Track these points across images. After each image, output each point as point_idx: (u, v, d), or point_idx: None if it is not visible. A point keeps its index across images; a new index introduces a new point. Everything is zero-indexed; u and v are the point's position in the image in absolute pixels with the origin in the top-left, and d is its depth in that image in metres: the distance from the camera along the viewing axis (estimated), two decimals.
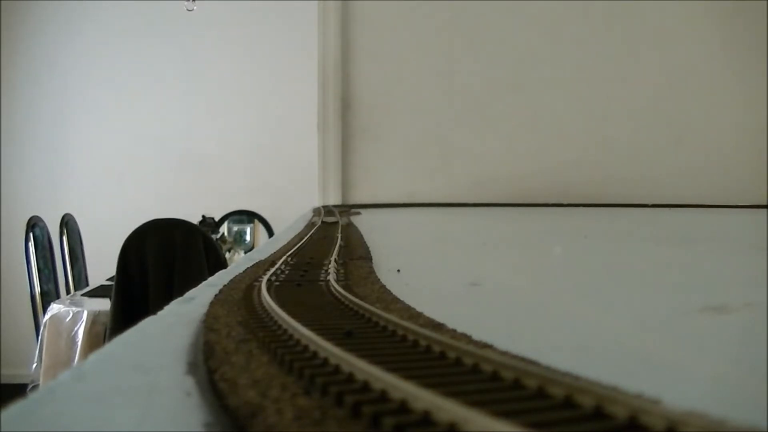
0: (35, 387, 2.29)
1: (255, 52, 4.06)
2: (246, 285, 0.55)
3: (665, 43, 3.15)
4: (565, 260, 0.99)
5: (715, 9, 3.08)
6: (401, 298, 0.51)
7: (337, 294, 0.50)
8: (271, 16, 4.02)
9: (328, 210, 1.98)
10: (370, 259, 0.78)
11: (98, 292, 2.66)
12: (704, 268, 0.90)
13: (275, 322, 0.39)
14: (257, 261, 0.73)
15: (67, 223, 3.44)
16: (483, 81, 3.13)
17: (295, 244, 0.87)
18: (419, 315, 0.44)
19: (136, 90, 4.09)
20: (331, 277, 0.57)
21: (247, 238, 3.86)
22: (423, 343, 0.32)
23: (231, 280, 0.59)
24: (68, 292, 3.21)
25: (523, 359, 0.30)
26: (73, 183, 4.05)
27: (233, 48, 4.07)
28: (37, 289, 3.12)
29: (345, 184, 3.07)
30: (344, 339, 0.34)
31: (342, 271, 0.67)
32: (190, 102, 4.08)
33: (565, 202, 2.88)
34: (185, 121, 4.09)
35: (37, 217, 3.25)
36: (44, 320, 2.42)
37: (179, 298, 0.55)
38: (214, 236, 3.03)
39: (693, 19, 3.12)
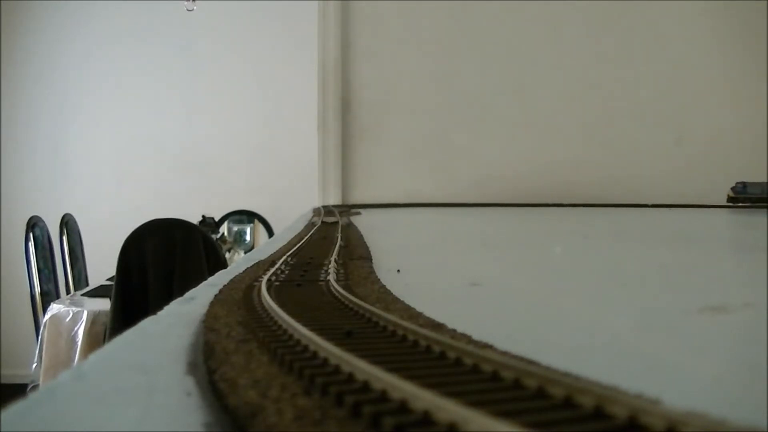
0: (35, 387, 2.29)
1: (255, 52, 4.06)
2: (246, 285, 0.55)
3: (664, 43, 3.15)
4: (565, 260, 0.99)
5: (714, 9, 3.09)
6: (401, 298, 0.50)
7: (337, 294, 0.50)
8: (271, 16, 4.02)
9: (328, 210, 1.98)
10: (370, 259, 0.78)
11: (98, 292, 2.66)
12: (704, 268, 0.90)
13: (275, 322, 0.39)
14: (257, 261, 0.72)
15: (67, 223, 3.44)
16: (483, 81, 3.13)
17: (295, 244, 0.87)
18: (419, 315, 0.44)
19: (136, 90, 4.09)
20: (331, 277, 0.57)
21: (247, 238, 3.86)
22: (423, 343, 0.32)
23: (231, 280, 0.59)
24: (68, 292, 3.21)
25: (523, 359, 0.30)
26: (73, 183, 4.05)
27: (233, 48, 4.07)
28: (37, 289, 3.12)
29: (345, 184, 3.07)
30: (344, 339, 0.34)
31: (342, 271, 0.67)
32: (190, 102, 4.08)
33: (565, 202, 2.88)
34: (185, 121, 4.09)
35: (37, 217, 3.25)
36: (44, 320, 2.42)
37: (179, 298, 0.55)
38: (214, 236, 3.02)
39: (692, 19, 3.12)
